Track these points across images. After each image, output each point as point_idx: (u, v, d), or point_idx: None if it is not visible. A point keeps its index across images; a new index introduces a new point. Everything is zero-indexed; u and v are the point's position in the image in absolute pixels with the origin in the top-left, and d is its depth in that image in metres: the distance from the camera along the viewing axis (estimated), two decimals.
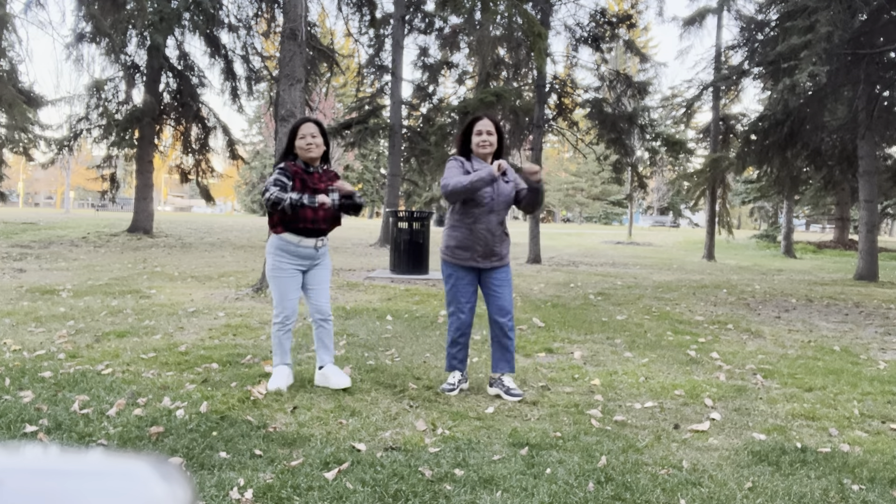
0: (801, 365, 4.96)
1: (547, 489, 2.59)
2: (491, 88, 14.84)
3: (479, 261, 3.88)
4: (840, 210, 26.63)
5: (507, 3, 11.67)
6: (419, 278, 9.65)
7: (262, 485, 2.54)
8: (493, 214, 3.83)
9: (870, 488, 2.70)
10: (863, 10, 10.85)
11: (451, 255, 3.93)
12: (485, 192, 3.80)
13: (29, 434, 3.02)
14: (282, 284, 3.85)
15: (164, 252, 13.69)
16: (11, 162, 23.64)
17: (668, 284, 10.48)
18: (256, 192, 54.01)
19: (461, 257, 3.89)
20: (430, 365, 4.59)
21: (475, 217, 3.83)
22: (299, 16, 7.85)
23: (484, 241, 3.83)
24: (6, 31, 12.93)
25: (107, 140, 17.88)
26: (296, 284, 3.89)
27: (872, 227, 12.67)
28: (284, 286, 3.86)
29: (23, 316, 5.89)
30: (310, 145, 3.83)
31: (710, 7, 17.99)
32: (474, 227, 3.84)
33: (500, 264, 3.92)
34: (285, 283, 3.85)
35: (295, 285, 3.89)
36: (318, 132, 3.87)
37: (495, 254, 3.88)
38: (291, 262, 3.86)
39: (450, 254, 3.93)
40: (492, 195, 3.82)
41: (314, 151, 3.84)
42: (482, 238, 3.83)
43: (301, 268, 3.91)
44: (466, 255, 3.88)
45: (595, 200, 59.95)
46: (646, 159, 19.24)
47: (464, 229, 3.85)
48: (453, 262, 3.92)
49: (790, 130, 12.90)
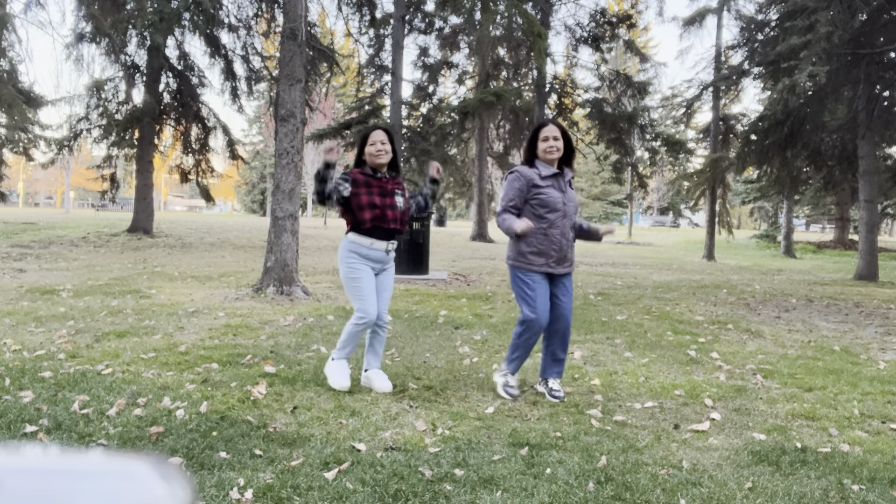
0: (801, 365, 4.96)
1: (547, 489, 2.59)
2: (491, 88, 14.85)
3: (553, 266, 3.86)
4: (840, 210, 26.63)
5: (507, 3, 11.67)
6: (419, 278, 9.66)
7: (262, 485, 2.54)
8: (567, 219, 3.86)
9: (870, 488, 2.70)
10: (863, 10, 10.85)
11: (525, 262, 3.86)
12: (555, 195, 3.81)
13: (29, 434, 3.02)
14: (361, 286, 3.86)
15: (164, 252, 13.69)
16: (11, 162, 23.65)
17: (668, 284, 10.48)
18: (256, 191, 54.00)
19: (537, 263, 3.85)
20: (430, 365, 4.60)
21: (550, 222, 3.81)
22: (299, 16, 7.85)
23: (559, 245, 3.83)
24: (6, 31, 12.93)
25: (107, 140, 17.88)
26: (372, 285, 3.92)
27: (872, 227, 12.67)
28: (364, 286, 3.87)
29: (23, 316, 5.89)
30: (380, 151, 3.91)
31: (710, 7, 18.00)
32: (549, 231, 3.82)
33: (570, 269, 3.94)
34: (364, 283, 3.87)
35: (372, 286, 3.91)
36: (388, 140, 3.96)
37: (567, 259, 3.90)
38: (366, 264, 3.91)
39: (524, 260, 3.86)
40: (563, 200, 3.85)
41: (383, 158, 3.92)
42: (556, 243, 3.83)
43: (374, 270, 3.96)
44: (541, 260, 3.85)
45: (595, 200, 59.93)
46: (646, 159, 19.26)
47: (539, 234, 3.82)
48: (537, 269, 3.86)
49: (790, 130, 12.91)
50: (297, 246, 7.85)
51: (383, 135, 3.96)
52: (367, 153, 3.95)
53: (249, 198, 55.71)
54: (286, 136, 7.72)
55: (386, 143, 3.95)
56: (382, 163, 3.94)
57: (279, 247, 7.67)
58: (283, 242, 7.67)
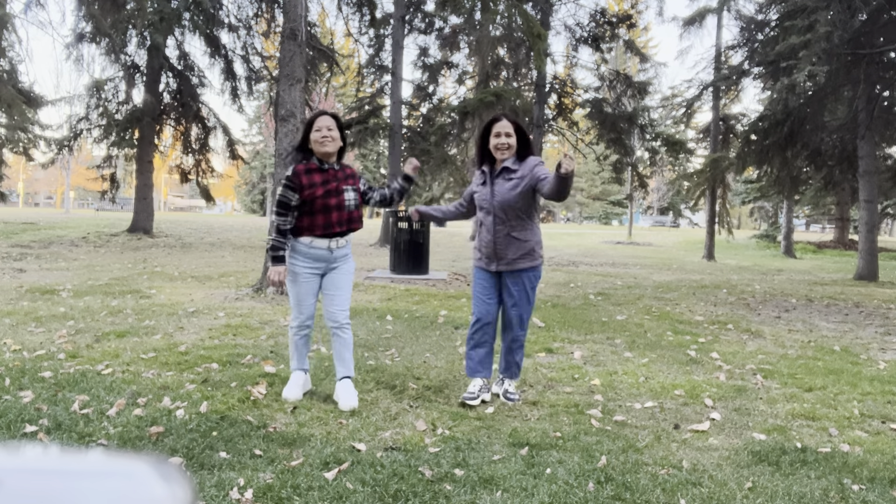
0: (801, 365, 4.96)
1: (547, 489, 2.59)
2: (491, 88, 14.84)
3: (486, 263, 3.83)
4: (840, 210, 26.63)
5: (507, 3, 11.67)
6: (419, 278, 9.65)
7: (262, 485, 2.54)
8: (492, 216, 3.72)
9: (870, 488, 2.70)
10: (863, 10, 10.85)
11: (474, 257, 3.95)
12: (482, 192, 3.76)
13: (29, 434, 3.01)
14: (295, 288, 3.68)
15: (164, 252, 13.69)
16: (11, 162, 23.63)
17: (668, 284, 10.48)
18: (256, 191, 54.00)
19: (476, 257, 3.91)
20: (430, 365, 4.59)
21: (480, 220, 3.83)
22: (299, 16, 7.85)
23: (487, 244, 3.77)
24: (6, 31, 12.93)
25: (107, 140, 17.89)
26: (310, 289, 3.69)
27: (872, 227, 12.67)
28: (298, 290, 3.68)
29: (23, 316, 5.89)
30: (325, 138, 3.59)
31: (710, 7, 17.99)
32: (480, 229, 3.83)
33: (506, 269, 3.75)
34: (298, 286, 3.67)
35: (309, 289, 3.68)
36: (335, 126, 3.65)
37: (501, 257, 3.74)
38: (305, 265, 3.65)
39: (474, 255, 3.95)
40: (487, 197, 3.73)
41: (329, 146, 3.60)
42: (484, 240, 3.79)
43: (316, 271, 3.69)
44: (478, 255, 3.88)
45: (595, 200, 59.96)
46: (646, 159, 19.25)
47: (479, 232, 3.86)
48: (475, 263, 3.92)
49: (790, 130, 12.91)
50: None
51: (330, 120, 3.63)
52: (312, 139, 3.61)
53: (249, 198, 55.71)
54: (286, 136, 7.73)
55: (333, 129, 3.62)
56: (328, 151, 3.60)
57: None
58: None
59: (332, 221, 3.60)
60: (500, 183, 3.69)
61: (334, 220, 3.61)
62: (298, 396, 3.68)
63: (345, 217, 3.65)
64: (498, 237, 3.72)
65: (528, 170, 3.67)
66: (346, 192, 3.66)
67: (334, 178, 3.65)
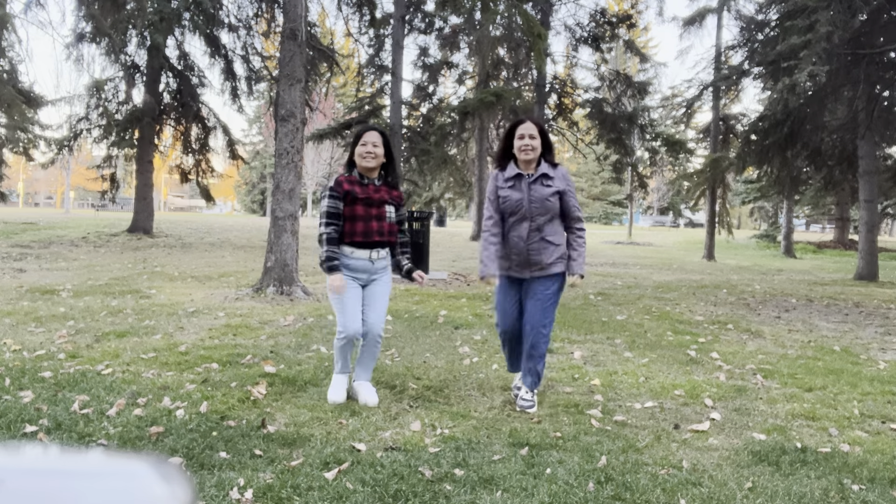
0: (801, 365, 4.96)
1: (547, 489, 2.59)
2: (491, 88, 14.85)
3: (518, 271, 3.76)
4: (840, 210, 26.64)
5: (507, 3, 11.67)
6: None
7: (262, 485, 2.54)
8: (527, 221, 3.68)
9: (870, 488, 2.70)
10: (863, 10, 10.85)
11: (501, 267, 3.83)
12: (514, 197, 3.69)
13: (29, 434, 3.01)
14: (340, 298, 3.62)
15: (164, 252, 13.69)
16: (11, 162, 23.64)
17: (668, 284, 10.48)
18: (256, 191, 54.00)
19: (504, 267, 3.80)
20: (430, 365, 4.59)
21: (510, 225, 3.74)
22: (299, 16, 7.85)
23: (520, 251, 3.70)
24: (6, 31, 12.93)
25: (107, 140, 17.89)
26: (354, 296, 3.65)
27: (872, 227, 12.67)
28: (342, 300, 3.62)
29: (23, 316, 5.89)
30: (369, 153, 3.60)
31: (710, 7, 18.00)
32: (509, 235, 3.74)
33: (540, 274, 3.72)
34: (344, 296, 3.61)
35: (353, 297, 3.65)
36: (381, 142, 3.65)
37: (534, 263, 3.71)
38: (347, 275, 3.64)
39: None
40: (522, 201, 3.68)
41: (370, 161, 3.61)
42: (515, 246, 3.71)
43: (358, 281, 3.69)
44: (505, 264, 3.78)
45: (595, 200, 59.95)
46: (646, 159, 19.26)
47: (508, 240, 3.76)
48: (502, 273, 3.82)
49: (790, 130, 12.90)
50: (297, 246, 7.85)
51: (376, 136, 3.64)
52: (357, 153, 3.66)
53: (249, 198, 55.71)
54: (286, 136, 7.73)
55: (378, 146, 3.63)
56: (368, 167, 3.63)
57: (279, 247, 7.67)
58: (283, 242, 7.67)
59: (371, 230, 3.63)
60: (538, 189, 3.69)
61: (374, 228, 3.64)
62: (342, 398, 3.69)
63: (385, 228, 3.68)
64: (532, 242, 3.69)
65: (563, 183, 3.74)
66: (386, 205, 3.70)
67: (375, 192, 3.68)
